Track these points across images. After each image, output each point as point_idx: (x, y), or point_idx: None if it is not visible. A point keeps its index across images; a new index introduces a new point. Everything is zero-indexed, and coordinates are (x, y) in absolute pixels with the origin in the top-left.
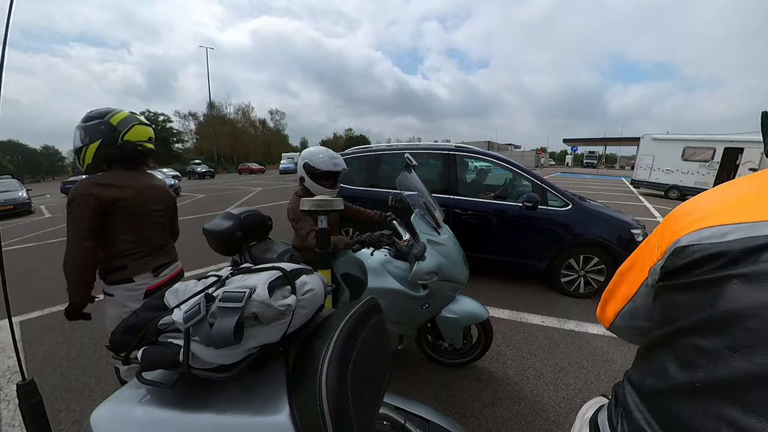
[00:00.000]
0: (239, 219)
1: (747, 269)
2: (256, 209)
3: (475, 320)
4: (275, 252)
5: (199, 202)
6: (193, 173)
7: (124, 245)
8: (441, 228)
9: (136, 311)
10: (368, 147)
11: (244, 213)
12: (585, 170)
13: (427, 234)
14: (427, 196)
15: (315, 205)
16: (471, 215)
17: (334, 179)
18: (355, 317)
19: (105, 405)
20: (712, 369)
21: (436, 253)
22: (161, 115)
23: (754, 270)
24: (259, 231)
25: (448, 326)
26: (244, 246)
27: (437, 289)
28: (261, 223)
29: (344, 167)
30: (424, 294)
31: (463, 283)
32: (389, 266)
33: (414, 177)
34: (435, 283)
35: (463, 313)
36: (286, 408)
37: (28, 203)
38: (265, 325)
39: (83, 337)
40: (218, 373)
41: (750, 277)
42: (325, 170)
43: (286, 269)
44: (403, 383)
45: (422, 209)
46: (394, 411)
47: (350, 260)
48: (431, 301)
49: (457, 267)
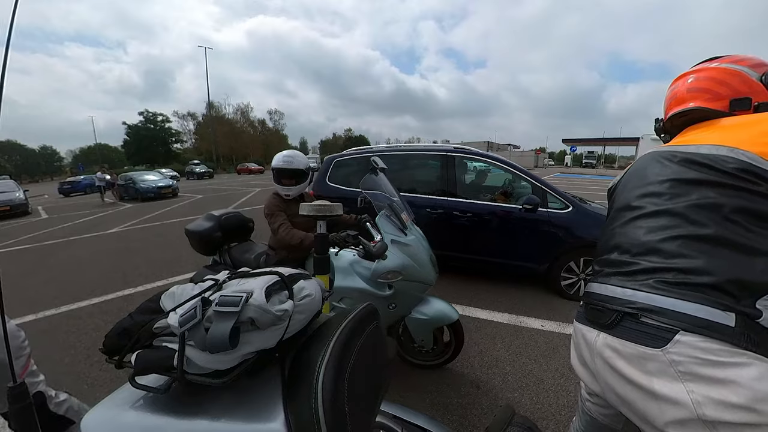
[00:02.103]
0: (219, 220)
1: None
2: (237, 211)
3: (445, 321)
4: (253, 252)
5: (197, 202)
6: (192, 173)
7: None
8: (408, 229)
9: (131, 314)
10: (366, 148)
11: (224, 215)
12: (584, 170)
13: (391, 234)
14: (395, 198)
15: (314, 210)
16: (470, 217)
17: (297, 178)
18: (353, 324)
19: (96, 409)
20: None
21: (400, 253)
22: (160, 115)
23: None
24: (239, 232)
25: (418, 327)
26: (224, 247)
27: (403, 289)
28: (242, 225)
29: (302, 166)
30: (389, 293)
31: (430, 284)
32: (357, 266)
33: (381, 179)
34: (400, 283)
35: (433, 314)
36: (281, 415)
37: (25, 204)
38: (261, 331)
39: (77, 342)
40: (213, 379)
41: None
42: (276, 167)
43: (284, 274)
44: (400, 391)
45: (388, 210)
46: (391, 420)
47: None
48: (397, 301)
49: (424, 268)
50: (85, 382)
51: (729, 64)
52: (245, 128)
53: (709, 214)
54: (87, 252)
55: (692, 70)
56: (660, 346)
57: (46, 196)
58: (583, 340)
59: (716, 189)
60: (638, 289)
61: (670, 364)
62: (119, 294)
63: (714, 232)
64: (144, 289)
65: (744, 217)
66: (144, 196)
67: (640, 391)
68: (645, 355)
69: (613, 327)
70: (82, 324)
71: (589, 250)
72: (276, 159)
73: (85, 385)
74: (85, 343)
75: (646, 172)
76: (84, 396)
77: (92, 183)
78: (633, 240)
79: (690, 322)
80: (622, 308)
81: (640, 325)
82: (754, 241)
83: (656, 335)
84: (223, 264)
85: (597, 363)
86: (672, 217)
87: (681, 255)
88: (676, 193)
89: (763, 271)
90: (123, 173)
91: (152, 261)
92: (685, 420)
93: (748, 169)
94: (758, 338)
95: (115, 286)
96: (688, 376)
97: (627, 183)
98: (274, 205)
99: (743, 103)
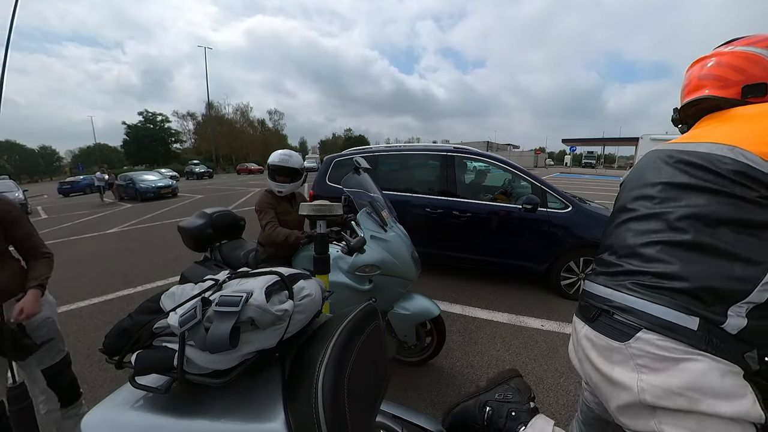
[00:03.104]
0: (211, 218)
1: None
2: (229, 210)
3: (427, 316)
4: (243, 249)
5: (196, 202)
6: (192, 173)
7: None
8: (388, 226)
9: (131, 314)
10: (366, 148)
11: (216, 213)
12: (584, 170)
13: (371, 230)
14: (376, 196)
15: (314, 210)
16: (469, 217)
17: (292, 176)
18: (353, 323)
19: (96, 409)
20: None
21: (380, 248)
22: (159, 115)
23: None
24: (230, 230)
25: (400, 322)
26: (215, 244)
27: (383, 284)
28: (233, 223)
29: (297, 165)
30: (369, 288)
31: (411, 280)
32: (340, 262)
33: (364, 178)
34: (380, 277)
35: (415, 309)
36: (281, 415)
37: (25, 204)
38: (261, 330)
39: (76, 343)
40: (213, 379)
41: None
42: (272, 164)
43: (284, 274)
44: (400, 390)
45: (369, 208)
46: (391, 419)
47: (308, 256)
48: (378, 295)
49: (403, 264)
50: (85, 383)
51: (744, 47)
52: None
53: (693, 222)
54: (86, 252)
55: (708, 55)
56: (624, 340)
57: (45, 197)
58: (575, 332)
59: (706, 195)
60: (616, 289)
61: (630, 357)
62: (119, 294)
63: (693, 238)
64: (144, 289)
65: (729, 225)
66: (143, 196)
67: (604, 378)
68: (611, 347)
69: (593, 321)
70: (82, 324)
71: (588, 250)
72: (273, 156)
73: (85, 386)
74: (85, 343)
75: (644, 174)
76: (84, 396)
77: (92, 183)
78: (621, 242)
79: (653, 322)
80: (602, 305)
81: (612, 321)
82: (736, 247)
83: (623, 331)
84: (214, 260)
85: (579, 352)
86: (658, 221)
87: (659, 260)
88: (667, 197)
89: (740, 278)
90: (122, 173)
91: (152, 261)
92: (630, 403)
93: (745, 173)
94: (720, 342)
95: (114, 286)
96: (644, 369)
97: (627, 183)
98: (264, 202)
99: (758, 89)
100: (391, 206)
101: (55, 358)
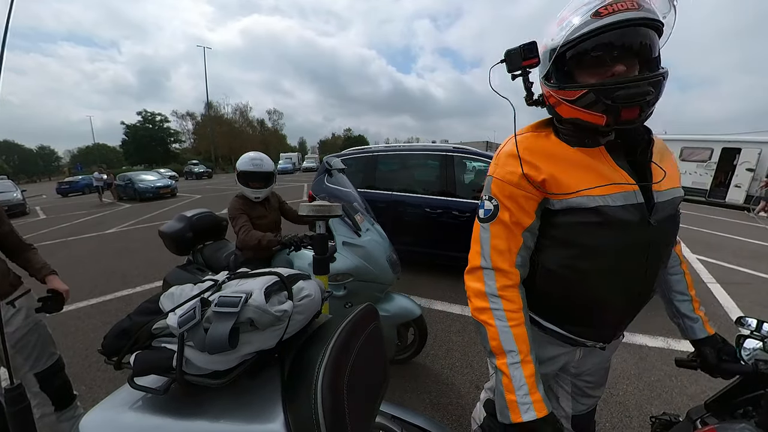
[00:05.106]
0: (191, 221)
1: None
2: (210, 211)
3: (408, 317)
4: (224, 252)
5: (195, 203)
6: (191, 173)
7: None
8: (362, 231)
9: (129, 315)
10: (365, 148)
11: (196, 215)
12: None
13: (343, 236)
14: (352, 199)
15: (313, 211)
16: (469, 217)
17: (265, 181)
18: (352, 324)
19: (95, 410)
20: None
21: (352, 255)
22: (158, 115)
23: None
24: (212, 232)
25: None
26: (197, 246)
27: (358, 289)
28: (214, 225)
29: (270, 169)
30: (343, 293)
31: (388, 285)
32: (311, 269)
33: (337, 180)
34: (354, 283)
35: (396, 310)
36: (280, 416)
37: (23, 204)
38: (260, 331)
39: (75, 343)
40: (212, 380)
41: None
42: (244, 170)
43: (283, 275)
44: (400, 391)
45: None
46: (391, 420)
47: (284, 260)
48: (354, 300)
49: (379, 269)
50: (84, 383)
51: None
52: (244, 128)
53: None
54: (85, 252)
55: None
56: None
57: (44, 197)
58: None
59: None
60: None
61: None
62: (118, 294)
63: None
64: (143, 290)
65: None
66: (142, 196)
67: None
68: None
69: None
70: (81, 325)
71: None
72: (243, 161)
73: (84, 386)
74: (84, 343)
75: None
76: (82, 398)
77: (90, 183)
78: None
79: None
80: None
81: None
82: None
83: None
84: (196, 263)
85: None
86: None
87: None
88: None
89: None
90: (121, 173)
91: (151, 261)
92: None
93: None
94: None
95: (113, 286)
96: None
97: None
98: (235, 208)
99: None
100: (368, 206)
101: (47, 361)
